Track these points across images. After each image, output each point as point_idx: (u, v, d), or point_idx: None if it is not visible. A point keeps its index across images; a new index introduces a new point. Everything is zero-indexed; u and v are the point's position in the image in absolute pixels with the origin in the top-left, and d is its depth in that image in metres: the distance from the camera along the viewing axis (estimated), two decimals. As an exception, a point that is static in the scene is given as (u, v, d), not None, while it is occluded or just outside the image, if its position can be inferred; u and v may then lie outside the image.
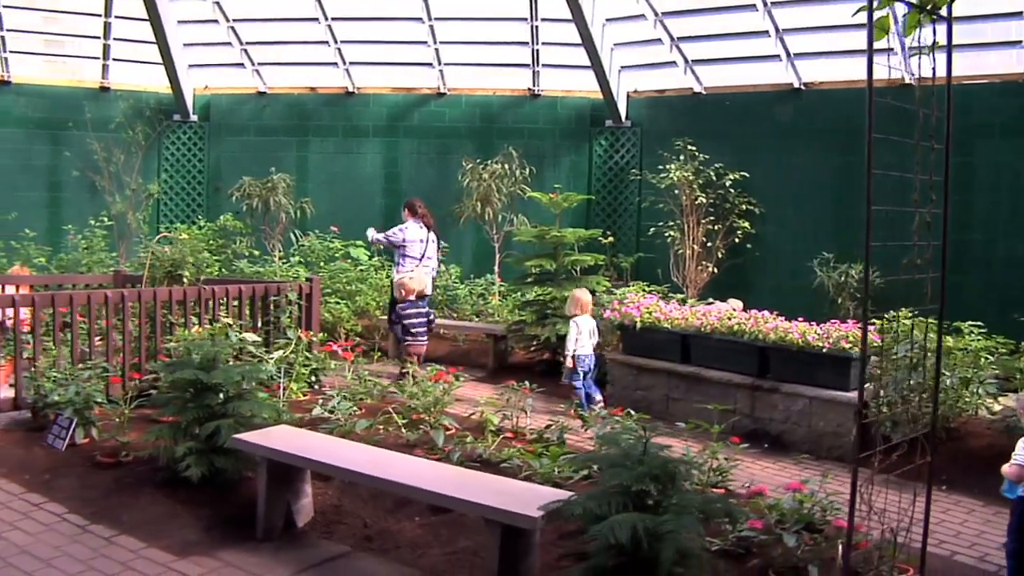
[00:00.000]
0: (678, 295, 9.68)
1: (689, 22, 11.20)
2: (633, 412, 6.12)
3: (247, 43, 12.55)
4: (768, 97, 11.02)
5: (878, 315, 4.68)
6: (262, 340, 7.24)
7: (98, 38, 12.38)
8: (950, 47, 3.54)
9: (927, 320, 4.08)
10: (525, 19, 11.64)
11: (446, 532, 4.57)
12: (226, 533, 4.56)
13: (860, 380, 3.55)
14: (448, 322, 10.51)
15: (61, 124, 12.23)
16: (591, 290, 9.26)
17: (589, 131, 12.19)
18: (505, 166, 11.36)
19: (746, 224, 10.72)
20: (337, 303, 10.23)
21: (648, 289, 9.62)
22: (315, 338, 7.68)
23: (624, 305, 8.06)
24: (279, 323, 7.69)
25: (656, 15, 10.95)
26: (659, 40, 11.20)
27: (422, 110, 12.71)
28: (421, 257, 9.02)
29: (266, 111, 12.96)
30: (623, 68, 11.87)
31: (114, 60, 12.62)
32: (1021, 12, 9.21)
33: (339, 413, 6.24)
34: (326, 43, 12.29)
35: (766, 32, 10.47)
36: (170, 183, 12.89)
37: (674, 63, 11.42)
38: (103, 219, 11.84)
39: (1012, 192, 9.50)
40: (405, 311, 8.23)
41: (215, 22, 12.26)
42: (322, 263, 11.30)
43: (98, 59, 12.61)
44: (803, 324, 6.98)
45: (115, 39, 12.36)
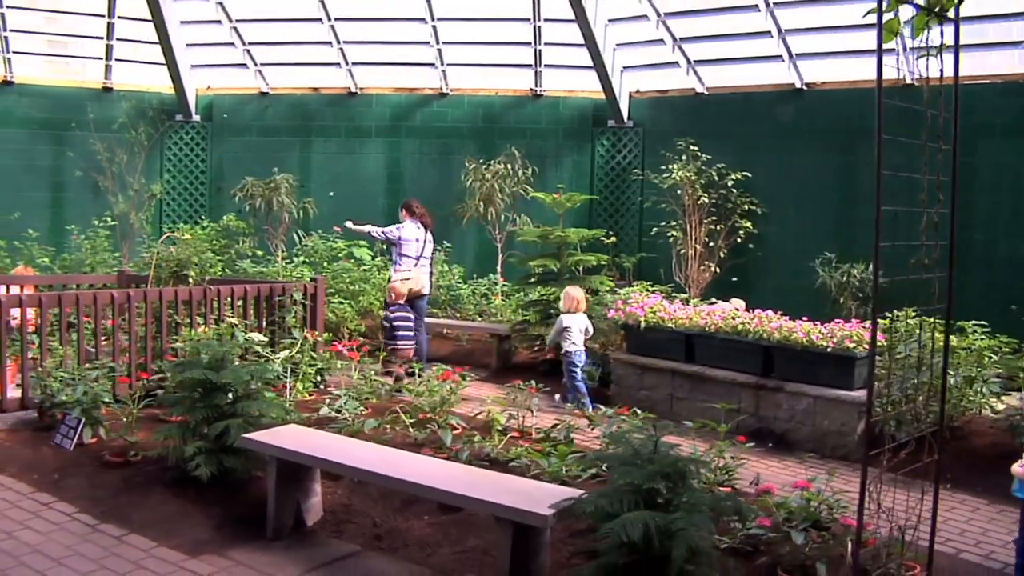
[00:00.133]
0: (681, 295, 9.70)
1: (691, 23, 11.23)
2: (639, 412, 6.14)
3: (250, 43, 12.58)
4: (770, 97, 11.05)
5: (883, 315, 4.70)
6: (267, 340, 7.27)
7: (101, 38, 12.39)
8: (957, 48, 3.57)
9: (933, 320, 4.10)
10: (528, 19, 11.67)
11: (455, 531, 4.58)
12: (236, 532, 4.59)
13: (869, 379, 3.58)
14: (451, 322, 10.54)
15: (64, 124, 12.24)
16: (594, 290, 9.30)
17: (591, 131, 12.21)
18: (508, 166, 11.39)
19: (748, 224, 10.74)
20: (340, 303, 10.24)
21: (651, 289, 9.64)
22: (320, 338, 7.71)
23: (628, 305, 8.08)
24: (284, 323, 7.72)
25: (658, 16, 10.98)
26: (661, 40, 11.22)
27: (425, 110, 12.73)
28: (418, 256, 9.05)
29: (269, 111, 12.97)
30: (625, 68, 11.89)
31: (117, 60, 12.63)
32: (1023, 12, 9.24)
33: (346, 413, 6.26)
34: (329, 43, 12.31)
35: (768, 33, 10.50)
36: (173, 183, 12.90)
37: (676, 63, 11.45)
38: (106, 219, 11.88)
39: (1013, 192, 9.52)
40: (392, 314, 8.28)
41: (218, 22, 12.28)
42: (325, 263, 11.32)
43: (101, 59, 12.62)
44: (807, 324, 7.00)
45: (118, 39, 12.38)
